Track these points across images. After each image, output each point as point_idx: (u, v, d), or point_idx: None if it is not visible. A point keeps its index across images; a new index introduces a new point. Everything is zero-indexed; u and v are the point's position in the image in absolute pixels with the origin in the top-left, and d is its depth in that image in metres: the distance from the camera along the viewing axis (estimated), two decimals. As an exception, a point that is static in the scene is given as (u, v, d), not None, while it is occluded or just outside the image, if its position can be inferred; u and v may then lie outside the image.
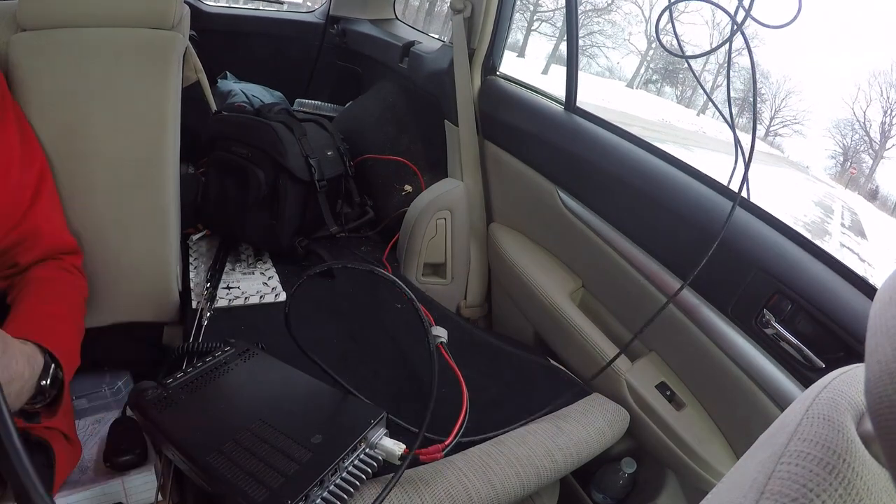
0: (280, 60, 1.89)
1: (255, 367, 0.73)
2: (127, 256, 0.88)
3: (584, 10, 5.35)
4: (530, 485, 0.69)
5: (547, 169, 1.06)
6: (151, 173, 0.88)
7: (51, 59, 0.83)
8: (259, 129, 1.03)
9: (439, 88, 1.25)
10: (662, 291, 0.84)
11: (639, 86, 6.19)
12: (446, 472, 0.65)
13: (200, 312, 0.87)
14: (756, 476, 0.27)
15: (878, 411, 0.22)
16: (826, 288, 0.67)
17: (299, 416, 0.64)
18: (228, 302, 0.91)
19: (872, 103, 3.00)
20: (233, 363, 0.73)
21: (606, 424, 0.82)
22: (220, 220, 1.09)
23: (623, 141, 0.95)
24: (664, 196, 0.84)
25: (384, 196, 1.33)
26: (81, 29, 0.85)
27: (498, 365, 0.91)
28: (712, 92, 1.92)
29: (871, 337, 0.24)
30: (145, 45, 0.88)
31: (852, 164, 3.44)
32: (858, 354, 0.62)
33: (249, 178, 1.03)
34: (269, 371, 0.73)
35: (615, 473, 0.87)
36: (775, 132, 4.11)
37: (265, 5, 2.08)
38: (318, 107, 1.73)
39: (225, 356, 0.74)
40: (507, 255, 1.13)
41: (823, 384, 0.32)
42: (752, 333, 0.73)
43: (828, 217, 3.14)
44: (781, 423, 0.31)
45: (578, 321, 0.96)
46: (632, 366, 0.87)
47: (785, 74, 4.05)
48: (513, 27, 1.23)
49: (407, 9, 6.77)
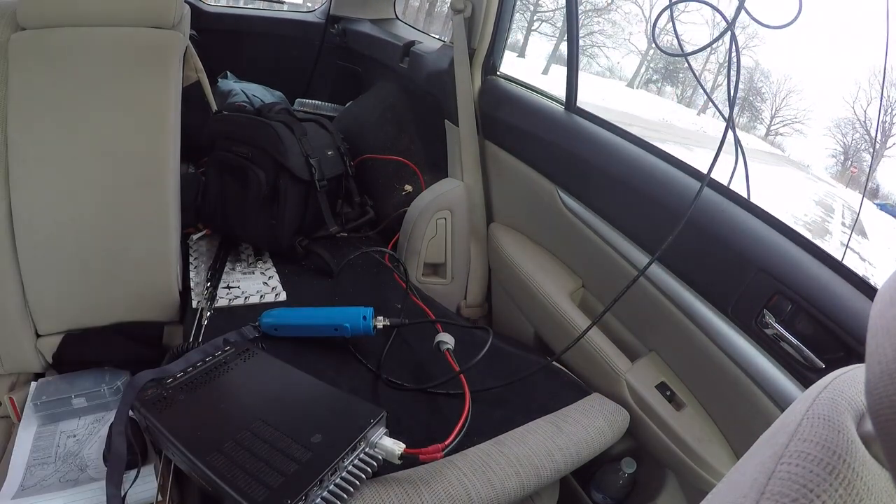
0: (280, 60, 1.90)
1: (255, 367, 0.73)
2: (127, 256, 0.89)
3: (584, 10, 5.35)
4: (530, 485, 0.69)
5: (547, 169, 1.06)
6: (152, 172, 0.88)
7: (51, 58, 0.83)
8: (259, 129, 1.03)
9: (440, 88, 1.25)
10: (662, 291, 0.84)
11: (639, 85, 6.19)
12: (446, 472, 0.65)
13: (200, 312, 0.87)
14: (756, 476, 0.27)
15: (878, 412, 0.22)
16: (826, 288, 0.66)
17: (299, 416, 0.64)
18: (228, 301, 0.91)
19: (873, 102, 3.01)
20: (232, 363, 0.73)
21: (606, 424, 0.82)
22: (220, 220, 1.09)
23: (623, 141, 0.95)
24: (665, 196, 0.84)
25: (384, 196, 1.33)
26: (81, 28, 0.85)
27: (498, 365, 0.91)
28: (712, 92, 1.92)
29: (872, 337, 0.24)
30: (145, 45, 0.88)
31: (853, 164, 3.44)
32: (858, 355, 0.62)
33: (250, 177, 1.02)
34: (268, 371, 0.73)
35: (615, 473, 0.87)
36: (776, 131, 4.11)
37: (266, 5, 2.09)
38: (319, 106, 1.73)
39: (224, 356, 0.74)
40: (508, 255, 1.13)
41: (824, 384, 0.32)
42: (752, 334, 0.73)
43: (828, 216, 3.14)
44: (782, 424, 0.31)
45: (579, 321, 0.96)
46: (632, 366, 0.88)
47: (786, 73, 4.04)
48: (513, 27, 1.23)
49: (407, 9, 6.77)
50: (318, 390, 0.69)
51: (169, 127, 0.88)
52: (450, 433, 0.64)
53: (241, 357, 0.74)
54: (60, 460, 0.79)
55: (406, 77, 1.44)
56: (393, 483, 0.62)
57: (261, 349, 0.76)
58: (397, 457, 0.60)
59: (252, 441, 0.59)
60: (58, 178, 0.83)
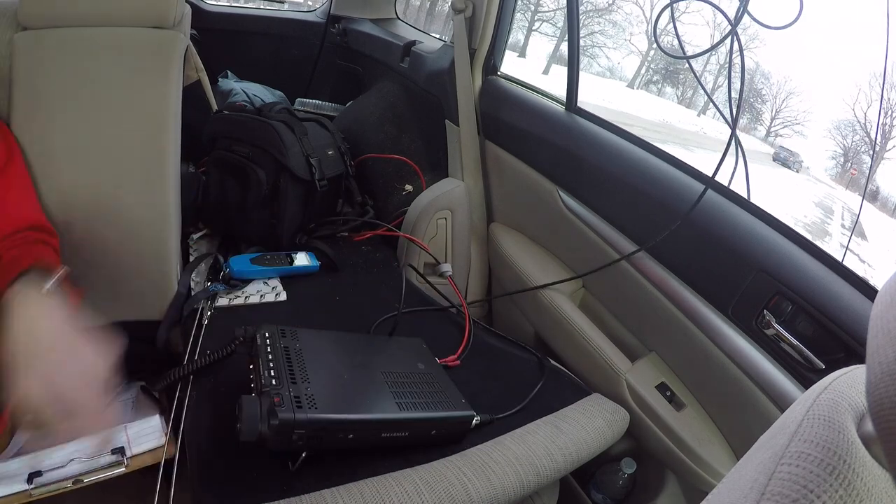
0: (281, 60, 1.90)
1: (312, 340, 0.72)
2: (127, 255, 0.88)
3: (584, 11, 5.34)
4: (530, 485, 0.69)
5: (548, 169, 1.06)
6: (152, 172, 0.88)
7: (52, 58, 0.83)
8: (260, 128, 1.03)
9: (440, 88, 1.25)
10: (662, 291, 0.84)
11: (640, 86, 6.19)
12: (446, 472, 0.65)
13: (200, 312, 0.87)
14: (756, 477, 0.27)
15: (879, 413, 0.22)
16: (827, 289, 0.67)
17: (393, 359, 0.76)
18: (228, 301, 0.91)
19: (873, 104, 3.00)
20: (290, 344, 0.69)
21: (606, 424, 0.82)
22: (220, 219, 1.09)
23: (624, 141, 0.95)
24: (665, 196, 0.84)
25: (385, 196, 1.33)
26: (82, 28, 0.86)
27: (498, 365, 0.92)
28: (713, 92, 1.92)
29: (873, 338, 0.24)
30: (146, 45, 0.88)
31: (853, 166, 3.44)
32: (859, 356, 0.62)
33: (250, 177, 1.02)
34: (325, 339, 0.75)
35: (615, 474, 0.87)
36: (776, 133, 4.11)
37: (266, 4, 2.08)
38: (319, 106, 1.73)
39: (272, 340, 0.69)
40: (508, 255, 1.13)
41: (824, 385, 0.32)
42: (752, 334, 0.73)
43: (828, 218, 3.14)
44: (782, 424, 0.31)
45: (579, 321, 0.96)
46: (632, 366, 0.88)
47: (786, 75, 4.04)
48: (514, 27, 1.23)
49: (408, 8, 6.77)
50: (373, 340, 0.82)
51: (169, 126, 0.88)
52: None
53: (288, 338, 0.70)
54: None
55: (407, 77, 1.45)
56: (393, 483, 0.62)
57: (289, 328, 0.73)
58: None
59: (399, 384, 0.70)
60: (59, 177, 0.83)
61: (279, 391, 0.59)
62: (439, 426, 0.69)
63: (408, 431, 0.67)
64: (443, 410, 0.69)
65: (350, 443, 0.63)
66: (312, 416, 0.58)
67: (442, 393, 0.72)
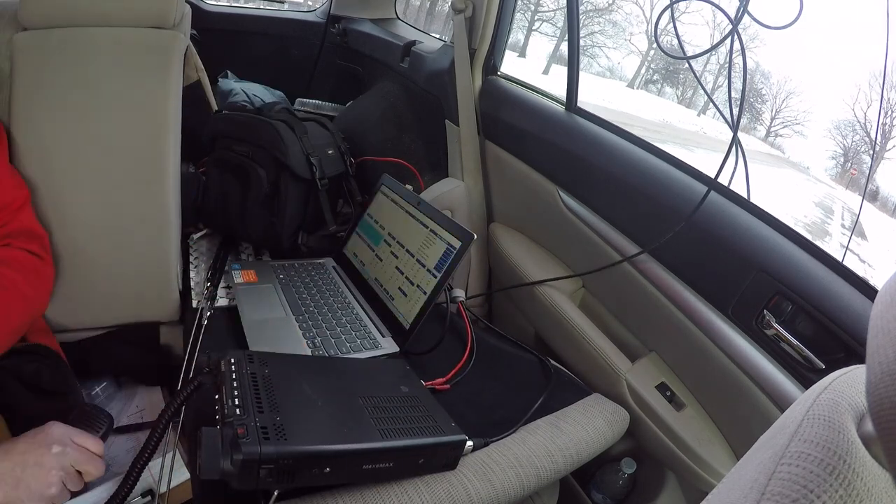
0: (281, 60, 1.90)
1: (282, 367, 0.65)
2: (127, 255, 0.89)
3: (584, 10, 5.34)
4: (530, 485, 0.69)
5: (548, 169, 1.06)
6: (152, 172, 0.88)
7: (52, 58, 0.83)
8: (260, 128, 1.03)
9: (440, 88, 1.25)
10: (662, 291, 0.84)
11: (639, 86, 6.18)
12: (446, 473, 0.65)
13: (200, 312, 0.87)
14: (756, 477, 0.27)
15: (879, 413, 0.22)
16: (827, 289, 0.66)
17: (370, 383, 0.70)
18: (228, 301, 0.91)
19: (873, 104, 3.00)
20: (258, 373, 0.62)
21: (606, 424, 0.82)
22: (220, 219, 1.09)
23: (624, 141, 0.95)
24: (665, 197, 0.84)
25: (385, 196, 1.33)
26: (82, 28, 0.86)
27: (498, 365, 0.91)
28: (713, 92, 1.91)
29: (873, 338, 0.24)
30: (146, 45, 0.88)
31: (853, 165, 3.44)
32: (858, 356, 0.62)
33: (251, 176, 1.02)
34: (296, 364, 0.67)
35: (615, 474, 0.87)
36: (776, 133, 4.10)
37: (266, 4, 2.09)
38: (319, 106, 1.73)
39: (246, 368, 0.62)
40: (508, 255, 1.13)
41: (824, 385, 0.32)
42: (752, 334, 0.73)
43: (828, 218, 3.14)
44: (782, 424, 0.31)
45: (579, 321, 0.96)
46: (632, 366, 0.88)
47: (786, 75, 4.04)
48: (514, 27, 1.23)
49: (408, 8, 6.77)
50: (350, 363, 0.74)
51: (169, 126, 0.88)
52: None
53: (255, 363, 0.63)
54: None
55: (407, 77, 1.45)
56: (393, 483, 0.62)
57: (254, 353, 0.67)
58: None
59: (381, 409, 0.64)
60: (59, 177, 0.83)
61: (243, 421, 0.52)
62: (428, 453, 0.63)
63: (392, 462, 0.60)
64: (430, 436, 0.62)
65: (327, 477, 0.55)
66: (282, 449, 0.51)
67: (429, 417, 0.66)
